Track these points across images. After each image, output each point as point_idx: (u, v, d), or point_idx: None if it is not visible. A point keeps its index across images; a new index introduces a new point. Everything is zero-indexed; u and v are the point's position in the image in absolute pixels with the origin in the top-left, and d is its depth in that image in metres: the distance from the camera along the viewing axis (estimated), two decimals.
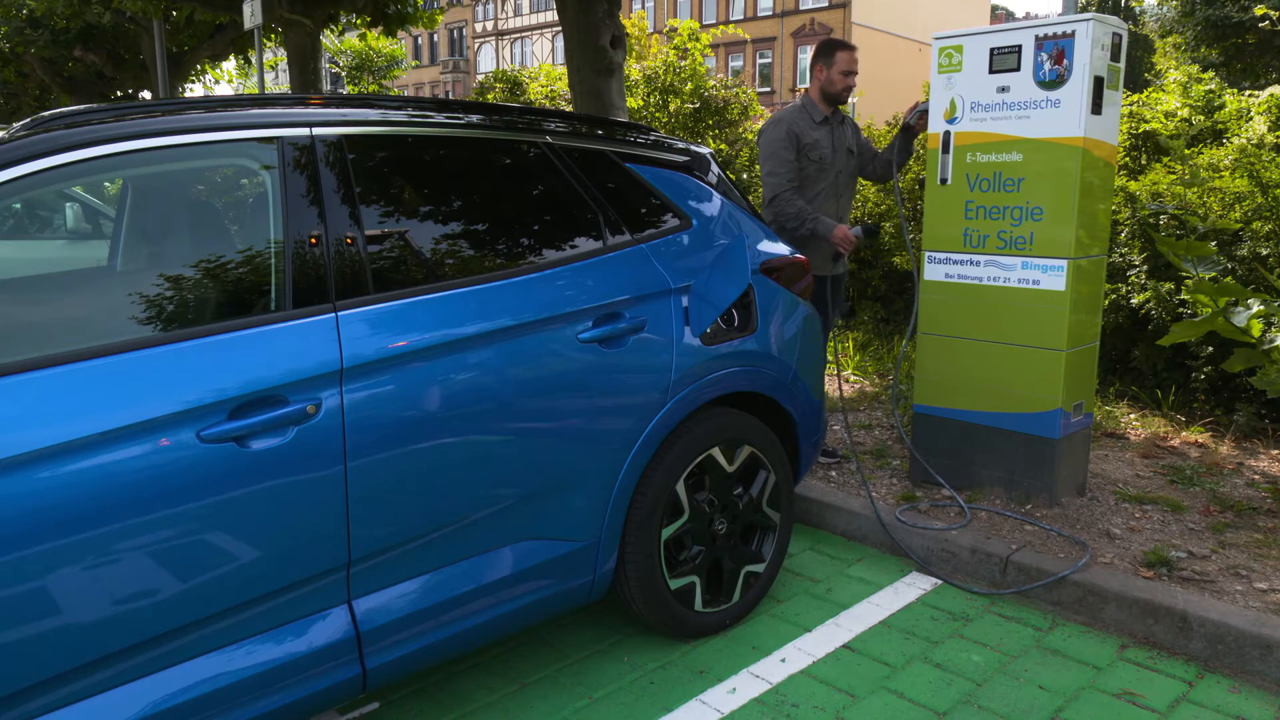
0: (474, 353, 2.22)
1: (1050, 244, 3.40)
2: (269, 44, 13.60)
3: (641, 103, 10.45)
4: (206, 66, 16.21)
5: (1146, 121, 6.15)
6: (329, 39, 18.22)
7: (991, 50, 3.48)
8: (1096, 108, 3.33)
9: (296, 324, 2.00)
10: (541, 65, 14.96)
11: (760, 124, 10.00)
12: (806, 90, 4.11)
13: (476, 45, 51.01)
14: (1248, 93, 6.44)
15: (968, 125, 3.56)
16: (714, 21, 36.65)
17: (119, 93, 16.19)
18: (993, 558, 3.19)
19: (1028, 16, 46.91)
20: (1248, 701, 2.52)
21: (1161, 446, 4.35)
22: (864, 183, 6.61)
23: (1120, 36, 3.40)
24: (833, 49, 4.02)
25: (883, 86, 24.98)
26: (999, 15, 47.06)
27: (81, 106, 2.05)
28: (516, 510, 2.34)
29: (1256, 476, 3.93)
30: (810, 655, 2.76)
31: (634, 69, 10.58)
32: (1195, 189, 4.85)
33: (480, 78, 19.96)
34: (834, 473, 4.05)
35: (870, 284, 7.05)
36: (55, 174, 1.83)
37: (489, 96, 13.29)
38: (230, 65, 17.71)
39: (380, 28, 11.12)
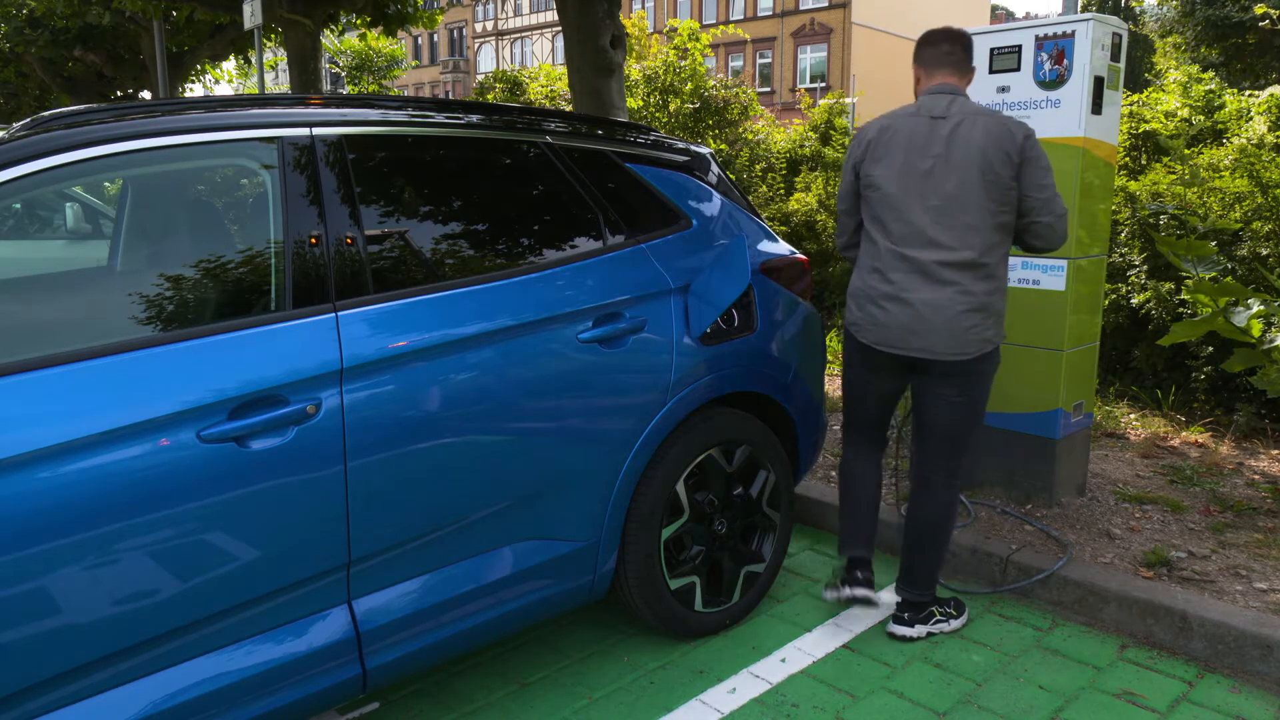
0: (474, 353, 2.22)
1: None
2: (269, 44, 13.60)
3: (641, 103, 10.46)
4: (206, 66, 16.20)
5: (1146, 121, 6.15)
6: (329, 39, 18.21)
7: (991, 50, 3.48)
8: (1097, 108, 3.33)
9: (296, 324, 2.00)
10: (541, 65, 14.96)
11: (759, 124, 10.03)
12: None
13: (476, 45, 51.02)
14: (1248, 93, 6.43)
15: None
16: (714, 21, 36.65)
17: (119, 93, 16.18)
18: (993, 558, 3.19)
19: (1028, 16, 46.90)
20: (1248, 701, 2.52)
21: (1161, 446, 4.35)
22: None
23: (1120, 36, 3.40)
24: None
25: (883, 86, 24.97)
26: (999, 15, 47.07)
27: (81, 106, 2.05)
28: (516, 510, 2.34)
29: (1256, 476, 3.93)
30: (810, 655, 2.76)
31: (634, 69, 10.59)
32: (1195, 189, 4.85)
33: (480, 78, 19.97)
34: (834, 472, 4.05)
35: None
36: (55, 174, 1.83)
37: (489, 96, 13.30)
38: (230, 65, 17.71)
39: (380, 28, 11.11)
